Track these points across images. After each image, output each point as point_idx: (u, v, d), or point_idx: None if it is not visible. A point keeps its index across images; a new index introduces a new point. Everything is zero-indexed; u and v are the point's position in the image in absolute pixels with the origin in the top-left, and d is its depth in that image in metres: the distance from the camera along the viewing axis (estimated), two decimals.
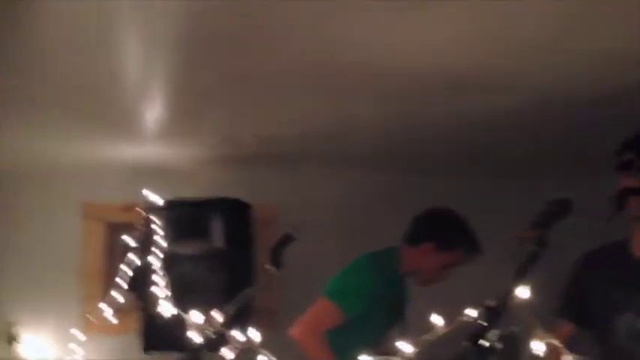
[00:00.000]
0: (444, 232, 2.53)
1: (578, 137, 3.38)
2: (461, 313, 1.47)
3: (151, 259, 2.37)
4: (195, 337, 1.99)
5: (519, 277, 1.51)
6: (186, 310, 2.07)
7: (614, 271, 2.05)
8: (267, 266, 2.23)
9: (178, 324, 2.04)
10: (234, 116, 3.20)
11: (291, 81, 2.66)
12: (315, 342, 2.41)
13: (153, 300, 2.26)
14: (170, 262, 2.80)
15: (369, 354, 1.54)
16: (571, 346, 2.18)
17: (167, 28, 2.15)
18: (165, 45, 2.29)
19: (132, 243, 2.39)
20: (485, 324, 1.39)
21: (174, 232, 3.21)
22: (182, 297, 3.05)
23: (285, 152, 3.76)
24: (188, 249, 3.36)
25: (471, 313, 1.43)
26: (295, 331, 2.44)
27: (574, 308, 2.16)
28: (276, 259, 2.23)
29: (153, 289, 2.28)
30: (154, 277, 2.32)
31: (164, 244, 2.51)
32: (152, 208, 2.59)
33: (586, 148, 3.49)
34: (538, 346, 1.33)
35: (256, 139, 3.46)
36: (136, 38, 2.24)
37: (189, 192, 3.57)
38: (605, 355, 2.05)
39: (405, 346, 1.46)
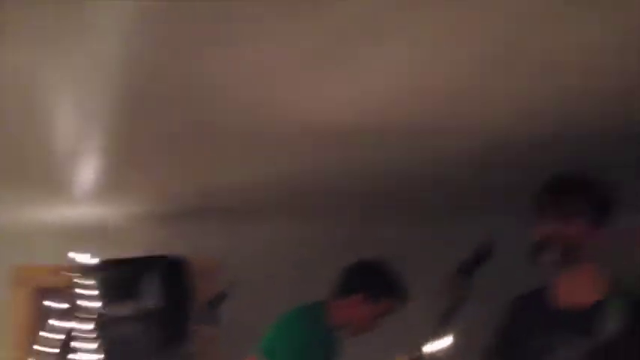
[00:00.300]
0: (373, 283, 2.55)
1: (506, 179, 3.46)
2: None
3: (78, 323, 2.29)
4: None
5: (444, 323, 1.52)
6: None
7: (538, 317, 2.06)
8: (204, 324, 2.18)
9: None
10: (173, 171, 3.17)
11: (227, 137, 2.67)
12: None
13: None
14: (105, 325, 2.72)
15: None
16: None
17: (102, 84, 2.13)
18: (100, 102, 2.26)
19: (57, 307, 2.30)
20: None
21: (109, 294, 3.13)
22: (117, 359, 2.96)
23: (225, 206, 3.73)
24: (123, 310, 3.27)
25: None
26: None
27: (499, 353, 2.16)
28: (211, 316, 2.19)
29: (80, 355, 2.19)
30: (82, 343, 2.23)
31: (96, 306, 2.44)
32: (85, 269, 2.52)
33: (515, 191, 3.58)
34: None
35: (196, 194, 3.43)
36: (68, 96, 2.21)
37: (128, 250, 3.49)
38: None
39: None
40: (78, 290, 2.44)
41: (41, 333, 2.39)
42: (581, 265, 1.99)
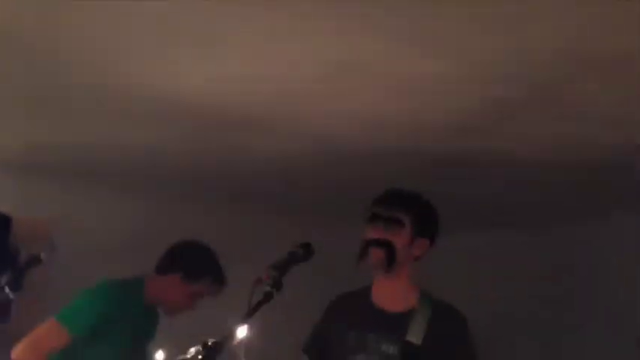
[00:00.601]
0: (190, 263, 2.57)
1: (346, 188, 3.60)
2: (185, 351, 1.49)
3: None
4: None
5: (249, 316, 1.56)
6: None
7: (356, 316, 2.19)
8: (7, 289, 2.07)
9: None
10: (6, 122, 2.96)
11: (65, 94, 2.56)
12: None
13: None
14: None
15: None
16: None
17: None
18: None
19: None
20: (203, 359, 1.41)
21: None
22: None
23: (57, 164, 3.54)
24: None
25: (192, 350, 1.45)
26: (16, 350, 2.30)
27: (315, 348, 2.28)
28: (16, 282, 2.07)
29: None
30: None
31: None
32: None
33: (352, 199, 3.73)
34: None
35: (26, 147, 3.23)
36: None
37: None
38: None
39: None
40: None
41: None
42: (399, 273, 2.16)
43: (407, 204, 2.18)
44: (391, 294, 2.16)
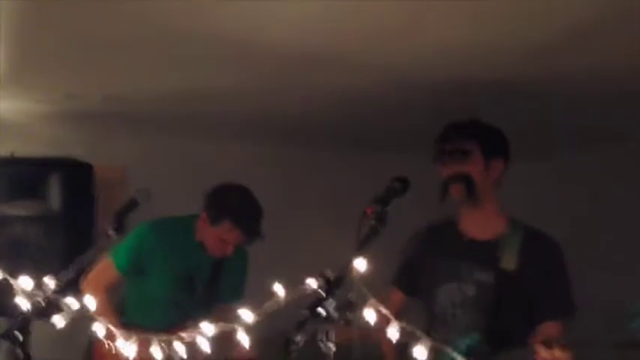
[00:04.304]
0: (211, 204, 2.59)
1: (426, 121, 3.56)
2: (302, 283, 1.52)
3: None
4: (24, 303, 1.87)
5: (359, 250, 1.58)
6: (15, 275, 1.95)
7: (446, 247, 2.22)
8: (110, 232, 2.13)
9: (4, 289, 1.91)
10: (82, 72, 3.00)
11: (144, 45, 2.57)
12: (92, 292, 2.41)
13: None
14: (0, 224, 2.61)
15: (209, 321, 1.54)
16: (402, 314, 2.38)
17: None
18: None
19: None
20: (324, 294, 1.44)
21: (6, 192, 2.99)
22: (12, 261, 2.86)
23: (135, 114, 3.60)
24: (21, 210, 3.14)
25: (311, 283, 1.48)
26: (81, 284, 2.49)
27: (405, 279, 2.33)
28: (119, 225, 2.14)
29: None
30: None
31: None
32: None
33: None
34: (370, 315, 1.40)
35: (104, 98, 3.28)
36: None
37: (27, 149, 3.32)
38: (429, 320, 2.23)
39: (246, 314, 1.47)
40: None
41: None
42: (484, 201, 2.17)
43: (469, 131, 2.20)
44: (480, 222, 2.19)
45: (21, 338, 1.75)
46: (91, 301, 1.76)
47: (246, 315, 1.46)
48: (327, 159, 4.03)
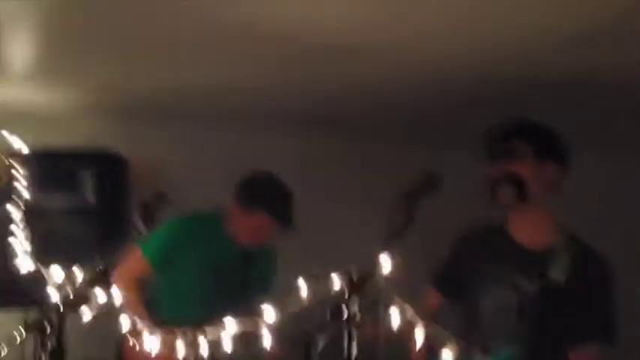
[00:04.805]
0: (245, 194, 2.57)
1: (458, 114, 3.49)
2: (327, 280, 1.48)
3: (10, 208, 2.22)
4: (54, 294, 1.89)
5: (385, 247, 1.53)
6: (48, 266, 1.97)
7: (493, 250, 2.13)
8: (138, 223, 2.15)
9: (36, 280, 1.93)
10: (118, 64, 3.02)
11: (179, 37, 2.57)
12: (123, 285, 2.45)
13: (9, 252, 2.12)
14: (35, 215, 2.64)
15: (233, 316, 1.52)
16: (437, 316, 2.33)
17: None
18: None
19: None
20: (348, 292, 1.40)
21: (42, 183, 3.03)
22: (47, 252, 2.90)
23: (170, 107, 3.61)
24: (56, 202, 3.18)
25: (336, 280, 1.44)
26: (112, 276, 2.47)
27: (446, 281, 2.25)
28: (149, 218, 2.15)
29: (10, 240, 2.13)
30: (13, 229, 2.17)
31: (28, 194, 2.36)
32: (17, 155, 2.42)
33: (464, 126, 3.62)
34: (395, 316, 1.35)
35: (140, 91, 3.30)
36: None
37: (62, 141, 3.36)
38: (467, 325, 2.15)
39: (269, 310, 1.45)
40: (10, 174, 2.34)
41: None
42: (534, 206, 2.07)
43: (520, 131, 2.09)
44: (529, 229, 2.09)
45: (49, 329, 1.76)
46: (120, 294, 1.76)
47: (269, 312, 1.43)
48: (352, 150, 3.98)
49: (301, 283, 1.46)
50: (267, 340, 1.45)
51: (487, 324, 2.09)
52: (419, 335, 1.35)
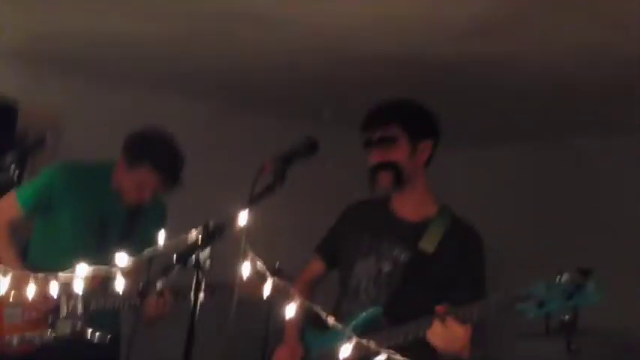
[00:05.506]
0: (130, 147, 2.51)
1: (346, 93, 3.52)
2: (186, 232, 1.49)
3: None
4: None
5: (250, 204, 1.55)
6: None
7: (373, 222, 2.22)
8: (10, 165, 2.07)
9: None
10: (10, 9, 2.88)
11: None
12: None
13: None
14: None
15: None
16: (317, 282, 2.38)
17: None
18: None
19: None
20: (200, 243, 1.42)
21: None
22: None
23: (74, 58, 3.46)
24: None
25: (193, 232, 1.45)
26: None
27: (328, 249, 2.34)
28: (21, 161, 2.08)
29: None
30: None
31: None
32: None
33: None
34: (245, 269, 1.38)
35: (35, 37, 3.15)
36: None
37: None
38: (342, 292, 2.23)
39: (122, 258, 1.44)
40: None
41: None
42: (414, 184, 2.16)
43: (392, 115, 2.16)
44: (410, 203, 2.18)
45: None
46: None
47: (122, 259, 1.43)
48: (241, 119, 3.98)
49: (161, 233, 1.47)
50: (119, 285, 1.45)
51: (360, 291, 2.17)
52: (267, 287, 1.38)
